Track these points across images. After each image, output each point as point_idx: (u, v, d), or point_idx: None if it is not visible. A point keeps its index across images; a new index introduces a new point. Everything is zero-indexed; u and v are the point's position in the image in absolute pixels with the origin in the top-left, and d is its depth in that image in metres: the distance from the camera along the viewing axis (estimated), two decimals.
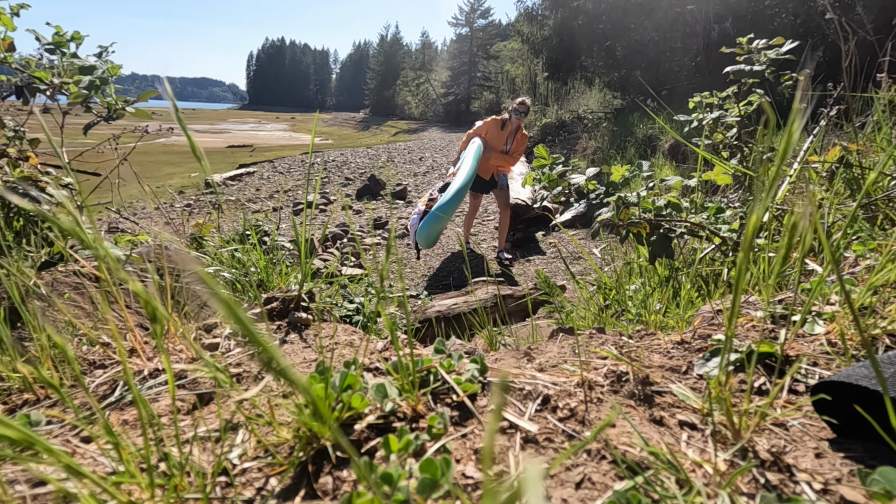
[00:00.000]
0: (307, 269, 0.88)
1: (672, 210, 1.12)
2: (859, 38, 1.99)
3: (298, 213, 6.65)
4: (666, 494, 0.39)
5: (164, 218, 4.18)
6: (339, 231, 5.55)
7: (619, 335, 0.80)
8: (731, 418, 0.47)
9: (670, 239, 1.11)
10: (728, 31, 8.26)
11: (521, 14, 18.20)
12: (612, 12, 10.84)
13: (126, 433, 0.52)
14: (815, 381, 0.56)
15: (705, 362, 0.61)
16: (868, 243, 0.88)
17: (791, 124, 0.34)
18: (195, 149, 0.45)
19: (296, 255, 1.51)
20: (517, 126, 4.11)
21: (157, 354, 0.69)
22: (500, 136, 4.13)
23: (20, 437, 0.30)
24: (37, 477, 0.43)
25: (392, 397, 0.52)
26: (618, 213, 1.12)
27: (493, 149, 4.14)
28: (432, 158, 11.96)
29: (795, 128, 0.34)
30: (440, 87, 38.11)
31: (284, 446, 0.48)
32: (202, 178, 9.53)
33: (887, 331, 0.63)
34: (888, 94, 1.49)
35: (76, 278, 1.01)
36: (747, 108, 1.54)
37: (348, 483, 0.43)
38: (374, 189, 7.74)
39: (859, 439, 0.46)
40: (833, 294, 0.73)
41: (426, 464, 0.40)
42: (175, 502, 0.40)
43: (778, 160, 0.36)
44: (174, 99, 0.41)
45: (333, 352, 0.74)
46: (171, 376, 0.41)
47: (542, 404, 0.54)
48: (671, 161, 6.71)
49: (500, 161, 4.16)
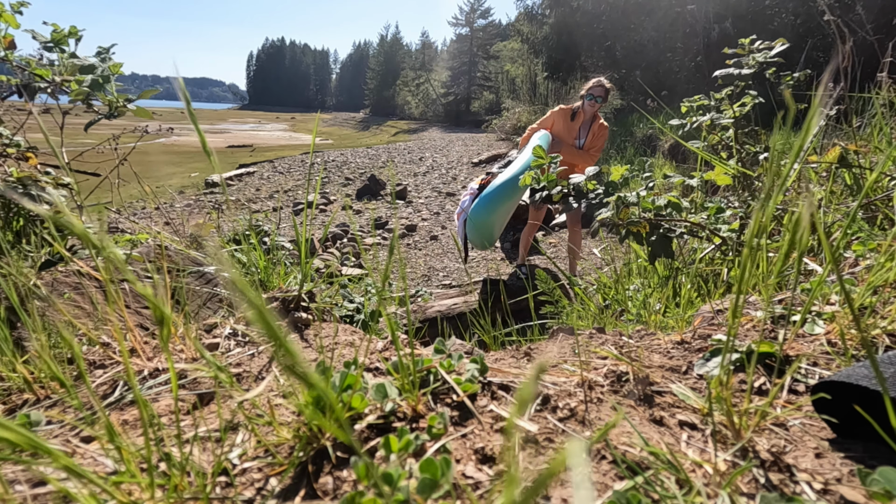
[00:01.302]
0: (307, 269, 0.88)
1: (672, 210, 1.12)
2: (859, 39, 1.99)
3: (298, 213, 6.65)
4: (666, 494, 0.39)
5: (164, 218, 4.18)
6: (340, 231, 5.55)
7: (619, 335, 0.80)
8: (731, 418, 0.47)
9: (670, 239, 1.11)
10: (728, 31, 8.26)
11: (521, 14, 18.22)
12: (612, 12, 10.85)
13: (126, 433, 0.52)
14: (815, 380, 0.56)
15: (705, 362, 0.61)
16: (868, 243, 0.88)
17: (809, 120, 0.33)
18: (206, 147, 0.46)
19: (296, 255, 1.51)
20: (592, 115, 3.19)
21: (156, 354, 0.69)
22: (571, 129, 3.22)
23: (22, 440, 0.30)
24: (37, 477, 0.43)
25: (392, 397, 0.52)
26: (617, 213, 1.12)
27: (563, 144, 3.22)
28: (432, 158, 11.96)
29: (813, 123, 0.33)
30: (440, 87, 38.13)
31: (284, 446, 0.48)
32: (202, 178, 9.53)
33: (887, 331, 0.63)
34: (888, 95, 1.49)
35: (76, 278, 1.01)
36: (741, 110, 1.54)
37: (348, 483, 0.43)
38: (375, 189, 7.74)
39: (859, 439, 0.46)
40: (833, 294, 0.73)
41: (426, 464, 0.40)
42: (175, 502, 0.40)
43: (791, 158, 0.35)
44: (188, 98, 0.41)
45: (334, 352, 0.74)
46: (174, 376, 0.41)
47: (542, 404, 0.54)
48: (671, 161, 6.71)
49: (572, 158, 3.20)
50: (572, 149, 3.21)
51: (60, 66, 1.31)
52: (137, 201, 7.05)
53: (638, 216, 1.11)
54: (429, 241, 5.35)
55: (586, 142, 3.23)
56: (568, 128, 3.24)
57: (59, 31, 1.35)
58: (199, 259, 1.14)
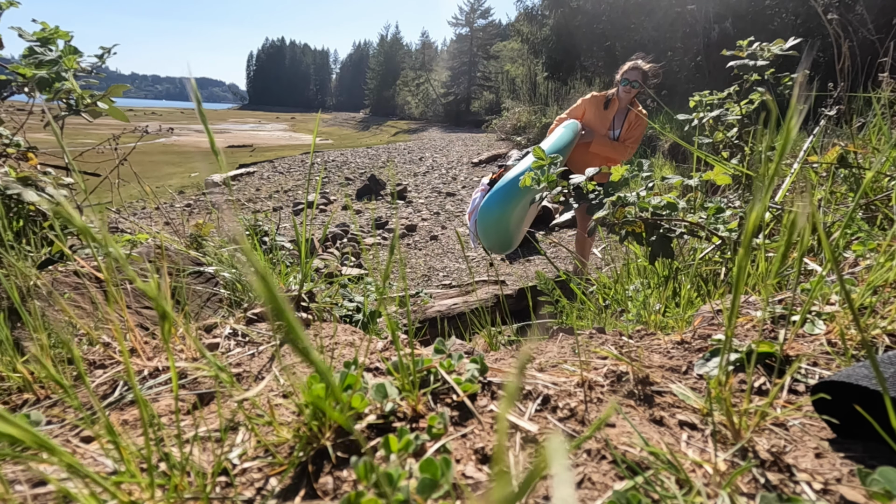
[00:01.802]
0: (307, 269, 0.88)
1: (670, 210, 1.12)
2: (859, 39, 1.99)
3: (298, 213, 6.66)
4: (666, 494, 0.39)
5: (164, 218, 4.18)
6: (340, 231, 5.55)
7: (619, 335, 0.80)
8: (730, 418, 0.47)
9: (670, 239, 1.11)
10: (728, 31, 8.27)
11: (521, 14, 18.22)
12: (612, 12, 10.85)
13: (126, 433, 0.52)
14: (814, 380, 0.56)
15: (705, 362, 0.61)
16: (868, 243, 0.88)
17: (789, 121, 0.34)
18: (214, 147, 0.46)
19: (296, 254, 1.51)
20: (629, 103, 2.82)
21: (156, 354, 0.69)
22: (604, 118, 2.84)
23: (26, 437, 0.30)
24: (37, 477, 0.43)
25: (392, 397, 0.52)
26: (614, 212, 1.12)
27: (595, 134, 2.85)
28: (432, 158, 11.96)
29: (793, 125, 0.34)
30: (440, 87, 38.11)
31: (284, 446, 0.48)
32: (202, 178, 9.53)
33: (887, 331, 0.63)
34: (887, 95, 1.49)
35: (76, 278, 1.01)
36: (748, 107, 1.54)
37: (348, 483, 0.43)
38: (375, 189, 7.74)
39: (859, 439, 0.46)
40: (833, 294, 0.73)
41: (426, 464, 0.40)
42: (175, 502, 0.40)
43: (776, 158, 0.36)
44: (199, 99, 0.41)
45: (334, 351, 0.75)
46: (174, 375, 0.41)
47: (543, 404, 0.55)
48: (671, 161, 6.72)
49: (606, 150, 2.83)
50: (605, 140, 2.83)
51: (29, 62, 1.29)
52: (137, 201, 7.05)
53: (634, 215, 1.11)
54: (429, 240, 5.35)
55: (621, 132, 2.84)
56: (601, 117, 2.85)
57: (48, 30, 1.33)
58: (199, 259, 1.14)
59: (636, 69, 2.74)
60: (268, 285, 0.22)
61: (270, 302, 0.23)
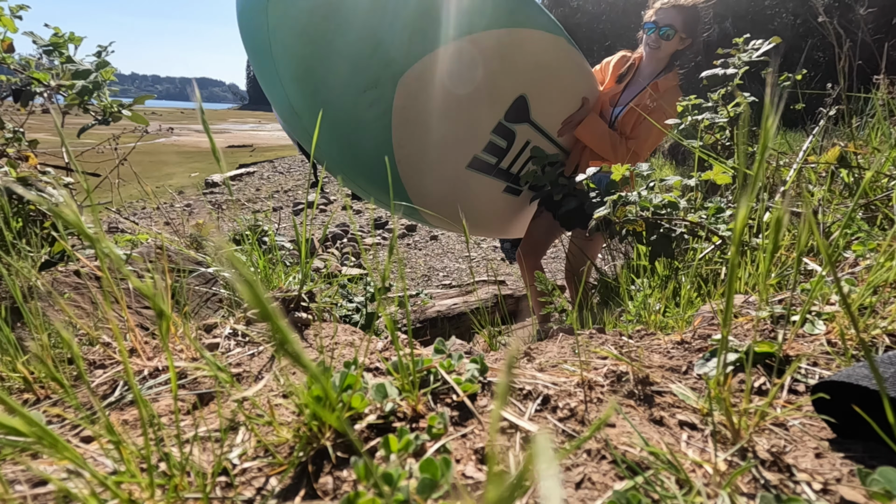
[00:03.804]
0: (307, 268, 0.88)
1: (671, 209, 1.12)
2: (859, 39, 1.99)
3: (298, 213, 6.66)
4: (666, 494, 0.39)
5: (164, 218, 4.18)
6: (340, 231, 5.55)
7: (619, 335, 0.80)
8: (730, 418, 0.47)
9: (671, 239, 1.11)
10: (728, 30, 8.27)
11: None
12: (612, 12, 10.85)
13: (126, 433, 0.52)
14: (814, 380, 0.56)
15: (705, 362, 0.61)
16: (868, 243, 0.88)
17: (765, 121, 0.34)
18: (215, 150, 0.46)
19: (296, 254, 1.51)
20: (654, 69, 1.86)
21: (156, 354, 0.69)
22: (613, 91, 1.89)
23: (31, 431, 0.30)
24: (37, 476, 0.43)
25: (392, 397, 0.52)
26: (614, 211, 1.12)
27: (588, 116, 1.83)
28: None
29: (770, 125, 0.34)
30: None
31: (284, 446, 0.48)
32: (202, 178, 9.53)
33: (887, 331, 0.63)
34: (885, 95, 1.49)
35: (76, 278, 1.01)
36: (736, 110, 1.54)
37: (348, 483, 0.43)
38: None
39: (859, 439, 0.46)
40: (833, 294, 0.73)
41: (426, 464, 0.40)
42: (175, 502, 0.40)
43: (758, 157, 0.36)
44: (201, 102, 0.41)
45: (333, 351, 0.75)
46: (173, 375, 0.41)
47: (542, 404, 0.55)
48: (671, 161, 6.72)
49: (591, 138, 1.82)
50: (596, 120, 1.79)
51: (59, 69, 1.31)
52: (137, 201, 7.05)
53: (635, 214, 1.11)
54: (429, 241, 5.35)
55: (621, 117, 1.81)
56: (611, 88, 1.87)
57: (61, 35, 1.35)
58: (199, 259, 1.14)
59: (674, 7, 1.70)
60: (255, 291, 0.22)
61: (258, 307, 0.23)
